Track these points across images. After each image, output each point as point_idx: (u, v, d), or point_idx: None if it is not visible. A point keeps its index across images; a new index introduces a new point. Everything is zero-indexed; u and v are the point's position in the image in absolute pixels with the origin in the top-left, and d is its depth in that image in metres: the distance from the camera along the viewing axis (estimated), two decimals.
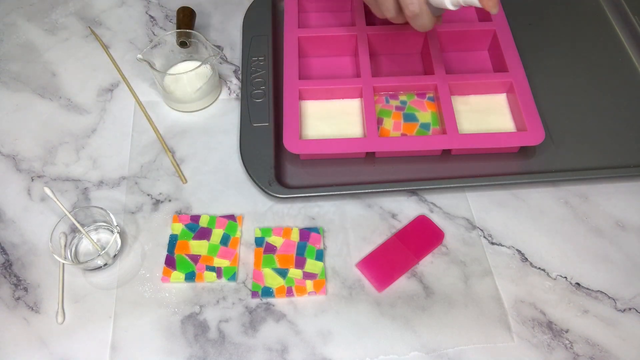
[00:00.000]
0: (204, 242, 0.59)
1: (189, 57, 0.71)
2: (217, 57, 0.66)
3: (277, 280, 0.56)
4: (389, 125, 0.66)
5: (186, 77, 0.66)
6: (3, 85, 0.72)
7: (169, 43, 0.68)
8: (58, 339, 0.54)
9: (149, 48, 0.65)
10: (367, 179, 0.62)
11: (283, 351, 0.53)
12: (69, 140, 0.67)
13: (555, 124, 0.67)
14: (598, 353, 0.53)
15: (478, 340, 0.53)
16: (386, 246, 0.58)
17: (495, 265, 0.58)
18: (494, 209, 0.61)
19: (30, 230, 0.60)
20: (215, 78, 0.68)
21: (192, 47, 0.69)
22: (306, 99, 0.68)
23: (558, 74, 0.72)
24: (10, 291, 0.56)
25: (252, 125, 0.65)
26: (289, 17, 0.72)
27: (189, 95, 0.67)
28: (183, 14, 0.73)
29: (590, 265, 0.58)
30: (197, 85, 0.66)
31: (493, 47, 0.72)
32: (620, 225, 0.60)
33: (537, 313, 0.55)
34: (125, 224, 0.60)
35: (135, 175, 0.64)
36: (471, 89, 0.67)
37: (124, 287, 0.56)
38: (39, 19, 0.79)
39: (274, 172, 0.62)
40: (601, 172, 0.62)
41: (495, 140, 0.62)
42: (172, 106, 0.69)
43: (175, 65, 0.70)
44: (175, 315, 0.55)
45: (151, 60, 0.65)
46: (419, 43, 0.72)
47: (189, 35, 0.68)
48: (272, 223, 0.60)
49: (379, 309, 0.55)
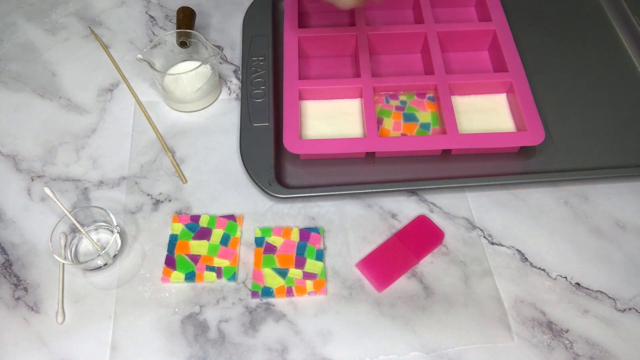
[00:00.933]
0: (204, 242, 0.59)
1: (189, 57, 0.71)
2: (217, 57, 0.66)
3: (277, 280, 0.56)
4: (389, 125, 0.66)
5: (186, 77, 0.66)
6: (3, 85, 0.72)
7: (168, 43, 0.68)
8: (58, 339, 0.54)
9: (149, 48, 0.65)
10: (367, 179, 0.62)
11: (283, 351, 0.53)
12: (69, 140, 0.67)
13: (555, 124, 0.67)
14: (598, 353, 0.53)
15: (478, 340, 0.53)
16: (386, 246, 0.58)
17: (495, 265, 0.58)
18: (494, 209, 0.61)
19: (30, 230, 0.60)
20: (215, 78, 0.68)
21: (192, 47, 0.69)
22: (306, 99, 0.68)
23: (558, 74, 0.72)
24: (10, 291, 0.56)
25: (252, 125, 0.65)
26: (289, 17, 0.72)
27: (189, 95, 0.67)
28: (183, 14, 0.73)
29: (590, 265, 0.58)
30: (197, 85, 0.66)
31: (493, 47, 0.72)
32: (620, 225, 0.60)
33: (537, 313, 0.55)
34: (125, 224, 0.60)
35: (135, 175, 0.64)
36: (471, 89, 0.67)
37: (124, 287, 0.56)
38: (39, 19, 0.79)
39: (274, 172, 0.62)
40: (601, 172, 0.62)
41: (495, 140, 0.62)
42: (172, 106, 0.69)
43: (175, 65, 0.70)
44: (175, 315, 0.55)
45: (151, 60, 0.65)
46: (419, 43, 0.72)
47: (189, 35, 0.68)
48: (272, 223, 0.60)
49: (379, 309, 0.55)
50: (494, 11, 0.72)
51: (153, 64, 0.65)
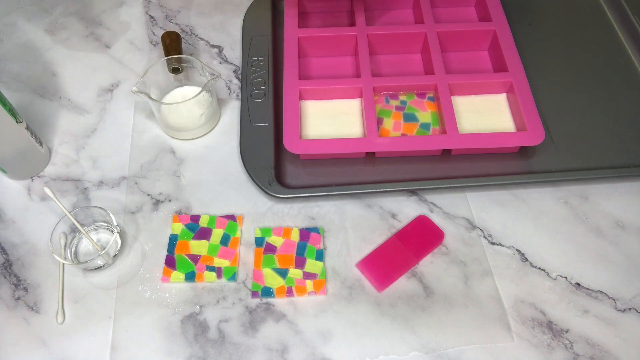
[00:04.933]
0: (204, 242, 0.59)
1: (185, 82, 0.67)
2: (216, 79, 0.62)
3: (277, 280, 0.56)
4: (389, 125, 0.66)
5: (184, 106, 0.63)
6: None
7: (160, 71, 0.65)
8: (58, 339, 0.54)
9: (141, 80, 0.62)
10: (367, 179, 0.62)
11: (283, 351, 0.53)
12: (69, 140, 0.67)
13: (555, 124, 0.67)
14: (598, 353, 0.53)
15: (478, 340, 0.53)
16: (386, 246, 0.58)
17: (495, 265, 0.58)
18: (494, 209, 0.61)
19: (30, 230, 0.60)
20: (215, 103, 0.66)
21: (185, 71, 0.66)
22: (306, 99, 0.68)
23: (558, 74, 0.72)
24: (10, 291, 0.56)
25: (252, 125, 0.65)
26: (289, 17, 0.72)
27: (192, 124, 0.64)
28: (169, 38, 0.71)
29: (590, 265, 0.58)
30: (198, 113, 0.63)
31: (493, 47, 0.72)
32: (620, 225, 0.60)
33: (537, 313, 0.55)
34: (125, 224, 0.60)
35: (135, 175, 0.64)
36: (471, 89, 0.67)
37: (124, 287, 0.56)
38: (39, 19, 0.79)
39: (274, 172, 0.62)
40: (601, 172, 0.62)
41: (495, 140, 0.62)
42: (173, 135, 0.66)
43: (169, 92, 0.67)
44: (175, 315, 0.55)
45: (146, 91, 0.62)
46: (419, 43, 0.72)
47: (180, 60, 0.65)
48: (272, 223, 0.60)
49: (379, 309, 0.55)
50: (494, 11, 0.72)
51: (149, 95, 0.62)
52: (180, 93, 0.68)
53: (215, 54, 0.75)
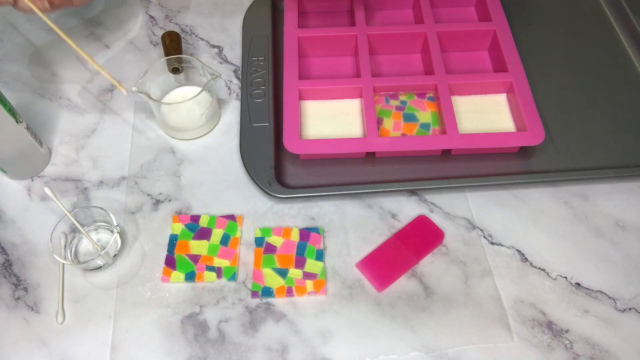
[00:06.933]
0: (204, 242, 0.59)
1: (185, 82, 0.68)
2: (216, 79, 0.62)
3: (277, 280, 0.56)
4: (389, 125, 0.66)
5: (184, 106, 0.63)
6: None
7: (160, 71, 0.65)
8: (58, 339, 0.54)
9: (141, 79, 0.62)
10: (367, 179, 0.62)
11: (283, 351, 0.53)
12: (69, 140, 0.67)
13: (555, 124, 0.67)
14: (598, 353, 0.53)
15: (478, 340, 0.53)
16: (386, 246, 0.58)
17: (495, 265, 0.58)
18: (494, 209, 0.61)
19: (30, 230, 0.60)
20: (215, 103, 0.66)
21: (185, 71, 0.66)
22: (306, 99, 0.68)
23: (558, 74, 0.72)
24: (10, 291, 0.56)
25: (252, 125, 0.65)
26: (289, 17, 0.72)
27: (191, 124, 0.64)
28: (169, 38, 0.71)
29: (590, 265, 0.58)
30: (198, 112, 0.63)
31: (493, 47, 0.72)
32: (620, 225, 0.60)
33: (537, 313, 0.55)
34: (125, 224, 0.60)
35: (135, 175, 0.64)
36: (471, 89, 0.67)
37: (124, 287, 0.56)
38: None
39: (274, 172, 0.62)
40: (601, 172, 0.62)
41: (495, 140, 0.62)
42: (173, 135, 0.66)
43: (169, 92, 0.67)
44: (175, 315, 0.55)
45: (146, 91, 0.62)
46: (419, 43, 0.72)
47: (180, 60, 0.65)
48: (272, 223, 0.60)
49: (379, 309, 0.55)
50: (494, 11, 0.72)
51: (149, 95, 0.62)
52: (180, 93, 0.68)
53: (215, 54, 0.75)
